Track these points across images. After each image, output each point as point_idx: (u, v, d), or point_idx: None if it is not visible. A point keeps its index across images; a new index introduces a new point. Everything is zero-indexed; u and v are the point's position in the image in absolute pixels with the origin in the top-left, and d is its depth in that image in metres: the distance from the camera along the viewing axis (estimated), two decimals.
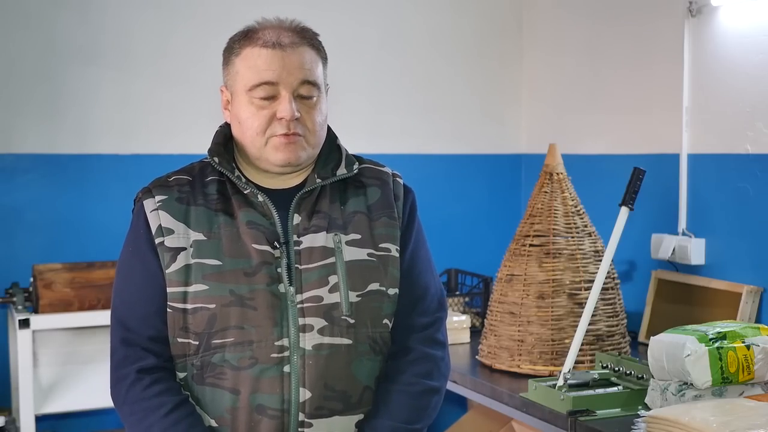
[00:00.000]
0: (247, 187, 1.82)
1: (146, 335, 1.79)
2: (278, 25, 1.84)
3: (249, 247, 1.79)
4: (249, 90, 1.79)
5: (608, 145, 3.60)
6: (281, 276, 1.78)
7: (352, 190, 1.89)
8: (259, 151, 1.81)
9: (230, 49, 1.85)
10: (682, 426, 1.99)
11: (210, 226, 1.80)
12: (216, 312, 1.76)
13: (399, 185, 1.96)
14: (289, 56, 1.79)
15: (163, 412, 1.75)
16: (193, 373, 1.79)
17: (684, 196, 3.20)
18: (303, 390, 1.76)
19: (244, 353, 1.75)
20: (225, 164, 1.84)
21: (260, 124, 1.79)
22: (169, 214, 1.80)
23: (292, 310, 1.77)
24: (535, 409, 2.50)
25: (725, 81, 3.04)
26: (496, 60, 4.04)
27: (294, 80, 1.79)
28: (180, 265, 1.78)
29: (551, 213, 2.85)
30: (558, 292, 2.78)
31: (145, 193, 1.84)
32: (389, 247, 1.87)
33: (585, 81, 3.70)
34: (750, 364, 2.20)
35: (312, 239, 1.81)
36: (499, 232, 3.94)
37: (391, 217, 1.89)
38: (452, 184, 3.99)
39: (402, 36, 3.88)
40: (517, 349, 2.80)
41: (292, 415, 1.76)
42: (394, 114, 3.89)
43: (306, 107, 1.81)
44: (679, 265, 3.19)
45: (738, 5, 2.98)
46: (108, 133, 3.49)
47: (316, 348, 1.77)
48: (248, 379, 1.75)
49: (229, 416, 1.77)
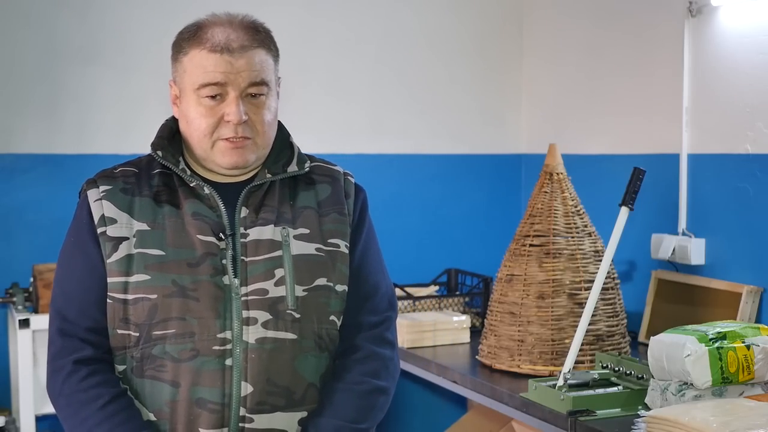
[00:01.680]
0: (193, 180, 1.81)
1: (84, 326, 1.77)
2: (228, 23, 1.80)
3: (193, 237, 1.77)
4: (196, 89, 1.77)
5: (608, 145, 3.60)
6: (226, 267, 1.76)
7: (302, 187, 1.88)
8: (206, 152, 1.80)
9: (178, 46, 1.82)
10: (682, 426, 1.99)
11: (154, 216, 1.78)
12: (157, 303, 1.73)
13: (350, 183, 1.95)
14: (237, 59, 1.77)
15: (99, 404, 1.72)
16: (133, 366, 1.76)
17: (684, 196, 3.20)
18: (245, 384, 1.74)
19: (185, 345, 1.73)
20: (169, 158, 1.82)
21: (208, 125, 1.77)
22: (112, 204, 1.79)
23: (236, 303, 1.75)
24: (535, 409, 2.49)
25: (725, 81, 3.04)
26: (497, 60, 4.04)
27: (242, 81, 1.77)
28: (122, 254, 1.76)
29: (551, 213, 2.85)
30: (558, 292, 2.78)
31: (90, 183, 1.83)
32: (338, 243, 1.85)
33: (585, 81, 3.70)
34: (750, 364, 2.20)
35: (259, 232, 1.80)
36: (499, 232, 3.94)
37: (341, 213, 1.88)
38: (452, 184, 3.99)
39: (402, 36, 3.88)
40: (517, 349, 2.80)
41: (232, 409, 1.74)
42: (394, 114, 3.89)
43: (254, 107, 1.79)
44: (679, 265, 3.19)
45: (738, 5, 2.98)
46: (108, 133, 3.49)
47: (260, 342, 1.75)
48: (189, 372, 1.73)
49: (168, 409, 1.74)
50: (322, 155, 2.05)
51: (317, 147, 3.74)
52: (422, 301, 3.45)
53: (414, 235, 3.91)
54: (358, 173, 4.12)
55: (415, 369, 3.14)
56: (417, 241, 3.92)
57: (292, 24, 3.68)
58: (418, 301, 3.44)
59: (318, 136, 3.72)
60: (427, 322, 3.21)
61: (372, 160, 3.84)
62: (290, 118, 3.69)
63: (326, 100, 3.77)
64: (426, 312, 3.41)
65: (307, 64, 3.73)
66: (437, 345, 3.20)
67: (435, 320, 3.23)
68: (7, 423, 3.14)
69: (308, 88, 3.73)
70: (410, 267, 3.83)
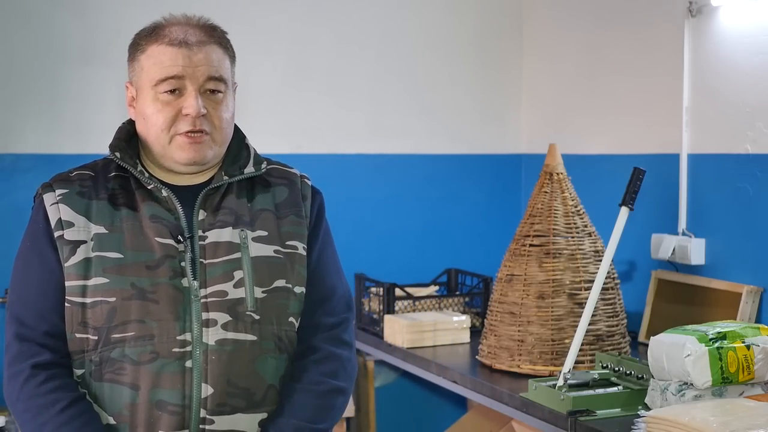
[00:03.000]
0: (150, 182, 1.81)
1: (42, 330, 1.76)
2: (185, 23, 1.83)
3: (152, 240, 1.77)
4: (154, 85, 1.78)
5: (608, 145, 3.60)
6: (185, 270, 1.76)
7: (259, 189, 1.88)
8: (163, 148, 1.80)
9: (136, 45, 1.83)
10: (682, 426, 1.99)
11: (112, 219, 1.78)
12: (116, 305, 1.73)
13: (307, 186, 1.95)
14: (195, 54, 1.78)
15: (57, 408, 1.72)
16: (92, 370, 1.76)
17: (684, 196, 3.20)
18: (205, 386, 1.74)
19: (145, 348, 1.73)
20: (127, 159, 1.82)
21: (165, 120, 1.78)
22: (69, 208, 1.78)
23: (196, 305, 1.75)
24: (535, 409, 2.49)
25: (725, 81, 3.04)
26: (497, 60, 4.04)
27: (200, 75, 1.78)
28: (79, 258, 1.75)
29: (551, 213, 2.85)
30: (558, 292, 2.78)
31: (45, 187, 1.83)
32: (296, 245, 1.86)
33: (585, 81, 3.70)
34: (750, 364, 2.20)
35: (218, 234, 1.80)
36: (499, 232, 3.94)
37: (299, 215, 1.88)
38: (452, 184, 3.99)
39: (402, 36, 3.88)
40: (517, 349, 2.80)
41: (193, 411, 1.74)
42: (394, 114, 3.88)
43: (213, 103, 1.80)
44: (679, 265, 3.19)
45: (738, 5, 2.98)
46: (108, 133, 3.43)
47: (220, 343, 1.75)
48: (148, 375, 1.72)
49: (128, 413, 1.74)
50: (322, 155, 2.05)
51: (317, 147, 3.75)
52: (422, 301, 3.45)
53: (414, 235, 3.91)
54: (358, 173, 4.15)
55: (415, 369, 3.14)
56: (417, 241, 3.92)
57: (293, 24, 3.68)
58: (418, 301, 3.44)
59: (318, 136, 3.72)
60: (427, 322, 3.21)
61: (372, 160, 3.84)
62: (290, 119, 3.72)
63: (326, 100, 3.77)
64: (426, 312, 3.41)
65: (307, 64, 3.73)
66: (437, 345, 3.20)
67: (435, 320, 3.23)
68: (7, 423, 3.14)
69: (308, 88, 3.73)
70: (410, 267, 3.83)
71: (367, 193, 3.83)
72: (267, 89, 3.64)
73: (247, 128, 1.99)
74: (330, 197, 2.00)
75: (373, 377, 3.67)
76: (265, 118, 3.60)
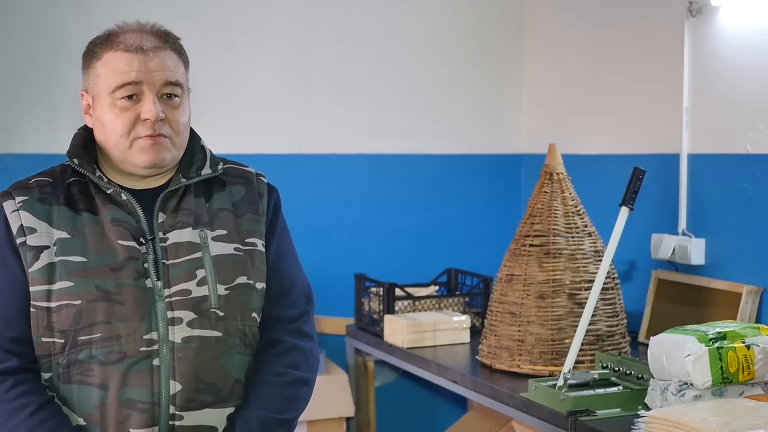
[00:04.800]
0: (109, 187, 1.83)
1: (8, 337, 1.78)
2: (139, 29, 1.86)
3: (114, 243, 1.79)
4: (111, 92, 1.80)
5: (608, 145, 3.60)
6: (148, 271, 1.79)
7: (216, 189, 1.92)
8: (123, 153, 1.82)
9: (91, 53, 1.85)
10: (682, 426, 1.99)
11: (73, 224, 1.81)
12: (82, 308, 1.75)
13: (263, 183, 1.98)
14: (151, 59, 1.81)
15: (27, 412, 1.73)
16: (59, 373, 1.78)
17: (684, 196, 3.20)
18: (173, 383, 1.76)
19: (112, 348, 1.75)
20: (85, 165, 1.84)
21: (124, 126, 1.80)
22: (30, 214, 1.80)
23: (160, 304, 1.78)
24: (535, 409, 2.49)
25: (725, 81, 3.04)
26: (497, 60, 4.04)
27: (157, 80, 1.80)
28: (43, 263, 1.77)
29: (551, 213, 2.85)
30: (558, 292, 2.78)
31: (4, 195, 1.85)
32: (255, 242, 1.89)
33: (585, 81, 3.70)
34: (750, 364, 2.20)
35: (178, 235, 1.83)
36: (499, 232, 3.94)
37: (256, 212, 1.92)
38: (452, 184, 3.99)
39: (402, 36, 3.88)
40: (517, 349, 2.80)
41: (162, 407, 1.76)
42: (394, 114, 3.89)
43: (170, 108, 1.83)
44: (679, 265, 3.19)
45: (738, 5, 2.98)
46: None
47: (186, 341, 1.78)
48: (117, 374, 1.75)
49: (98, 413, 1.76)
50: (322, 155, 2.06)
51: (317, 147, 3.75)
52: (422, 301, 3.45)
53: (414, 235, 3.91)
54: (358, 173, 4.15)
55: (415, 369, 3.14)
56: (417, 241, 3.92)
57: (292, 24, 3.68)
58: (418, 301, 3.44)
59: (318, 136, 3.72)
60: (427, 322, 3.21)
61: (372, 160, 3.84)
62: (290, 119, 3.71)
63: (326, 100, 3.77)
64: (426, 312, 3.41)
65: (307, 65, 3.73)
66: (437, 345, 3.20)
67: (435, 320, 3.23)
68: None
69: (308, 88, 3.73)
70: (410, 267, 3.83)
71: (367, 193, 3.83)
72: (267, 89, 3.64)
73: (247, 128, 2.00)
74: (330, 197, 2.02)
75: (373, 377, 3.68)
76: (265, 118, 3.60)
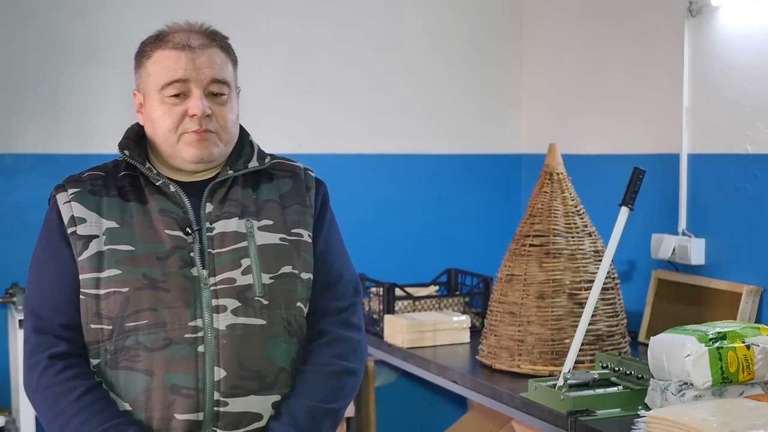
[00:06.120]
0: (158, 178, 1.87)
1: (58, 323, 1.82)
2: (188, 29, 1.90)
3: (161, 232, 1.83)
4: (160, 89, 1.84)
5: (608, 145, 3.60)
6: (194, 260, 1.82)
7: (264, 181, 1.95)
8: (171, 148, 1.86)
9: (142, 52, 1.90)
10: (682, 426, 1.99)
11: (122, 214, 1.85)
12: (129, 295, 1.79)
13: (311, 177, 2.01)
14: (199, 56, 1.84)
15: (75, 395, 1.77)
16: (107, 359, 1.81)
17: (684, 196, 3.20)
18: (218, 369, 1.79)
19: (158, 335, 1.78)
20: (136, 157, 1.88)
21: (172, 121, 1.84)
22: (81, 205, 1.85)
23: (206, 293, 1.81)
24: (535, 409, 2.49)
25: (725, 81, 3.04)
26: (497, 60, 4.04)
27: (204, 78, 1.84)
28: (92, 251, 1.81)
29: (551, 213, 2.85)
30: (558, 292, 2.78)
31: (58, 188, 1.90)
32: (301, 233, 1.91)
33: (585, 81, 3.70)
34: (750, 364, 2.20)
35: (224, 225, 1.86)
36: (499, 232, 3.94)
37: (303, 204, 1.94)
38: (452, 184, 3.99)
39: (402, 36, 3.88)
40: (517, 349, 2.80)
41: (207, 393, 1.78)
42: (394, 114, 3.89)
43: (217, 105, 1.86)
44: (679, 265, 3.19)
45: (738, 5, 2.98)
46: (108, 133, 3.47)
47: (230, 328, 1.80)
48: (162, 360, 1.78)
49: (144, 398, 1.79)
50: (322, 155, 2.07)
51: (317, 147, 3.75)
52: (422, 301, 3.45)
53: (414, 235, 3.91)
54: (358, 173, 4.16)
55: (415, 369, 3.14)
56: (417, 241, 3.92)
57: (292, 24, 3.68)
58: (418, 301, 3.44)
59: (318, 136, 3.72)
60: (427, 322, 3.21)
61: (372, 160, 3.84)
62: (290, 119, 3.71)
63: (326, 100, 3.77)
64: (426, 312, 3.41)
65: (307, 64, 3.73)
66: (437, 345, 3.20)
67: (435, 320, 3.23)
68: (7, 423, 3.15)
69: (308, 88, 3.73)
70: (410, 267, 3.83)
71: (367, 193, 3.83)
72: (267, 89, 3.64)
73: (247, 128, 2.00)
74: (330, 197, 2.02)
75: (373, 377, 3.68)
76: (265, 118, 3.60)
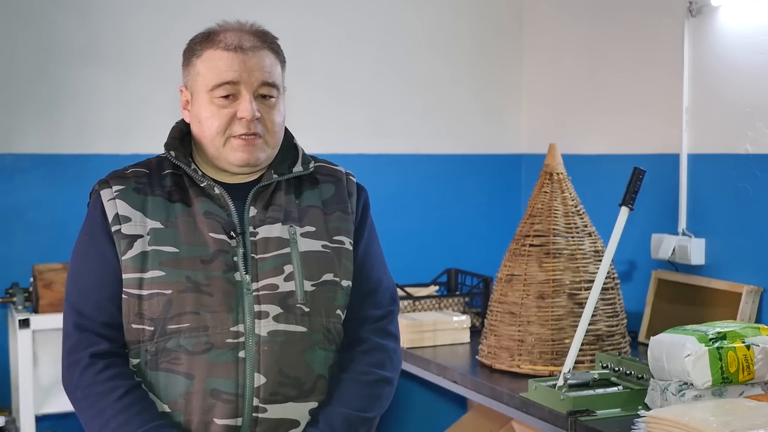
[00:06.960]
0: (203, 180, 1.86)
1: (100, 321, 1.81)
2: (239, 29, 1.88)
3: (206, 235, 1.82)
4: (210, 90, 1.83)
5: (608, 145, 3.60)
6: (237, 264, 1.82)
7: (307, 186, 1.94)
8: (218, 150, 1.85)
9: (191, 50, 1.89)
10: (682, 426, 1.99)
11: (167, 215, 1.83)
12: (172, 298, 1.78)
13: (352, 183, 2.01)
14: (250, 59, 1.83)
15: (115, 396, 1.77)
16: (147, 359, 1.81)
17: (684, 196, 3.20)
18: (258, 375, 1.79)
19: (200, 338, 1.78)
20: (181, 158, 1.87)
21: (221, 123, 1.83)
22: (126, 203, 1.84)
23: (248, 298, 1.81)
24: (535, 409, 2.50)
25: (725, 81, 3.04)
26: (497, 60, 4.04)
27: (254, 81, 1.83)
28: (136, 251, 1.80)
29: (551, 213, 2.85)
30: (558, 292, 2.78)
31: (102, 184, 1.89)
32: (343, 240, 1.91)
33: (585, 81, 3.70)
34: (750, 364, 2.20)
35: (268, 230, 1.85)
36: (499, 232, 3.94)
37: (345, 211, 1.94)
38: (452, 184, 3.99)
39: (402, 36, 3.88)
40: (517, 349, 2.80)
41: (246, 399, 1.78)
42: (394, 114, 3.89)
43: (266, 107, 1.86)
44: (679, 265, 3.19)
45: (738, 5, 2.98)
46: (108, 133, 3.49)
47: (272, 335, 1.80)
48: (203, 364, 1.77)
49: (183, 401, 1.78)
50: (322, 155, 2.07)
51: (318, 147, 3.74)
52: (422, 301, 3.45)
53: (414, 235, 3.91)
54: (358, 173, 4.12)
55: (415, 369, 3.14)
56: (417, 241, 3.92)
57: (293, 24, 3.68)
58: (418, 301, 3.45)
59: (318, 137, 3.72)
60: (427, 322, 3.21)
61: (372, 160, 3.84)
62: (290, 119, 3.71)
63: (326, 100, 3.77)
64: (426, 312, 3.41)
65: (308, 64, 3.73)
66: (437, 345, 3.21)
67: (435, 320, 3.23)
68: (7, 423, 3.14)
69: (308, 88, 3.73)
70: (410, 267, 3.83)
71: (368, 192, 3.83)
72: None
73: None
74: None
75: None
76: None
